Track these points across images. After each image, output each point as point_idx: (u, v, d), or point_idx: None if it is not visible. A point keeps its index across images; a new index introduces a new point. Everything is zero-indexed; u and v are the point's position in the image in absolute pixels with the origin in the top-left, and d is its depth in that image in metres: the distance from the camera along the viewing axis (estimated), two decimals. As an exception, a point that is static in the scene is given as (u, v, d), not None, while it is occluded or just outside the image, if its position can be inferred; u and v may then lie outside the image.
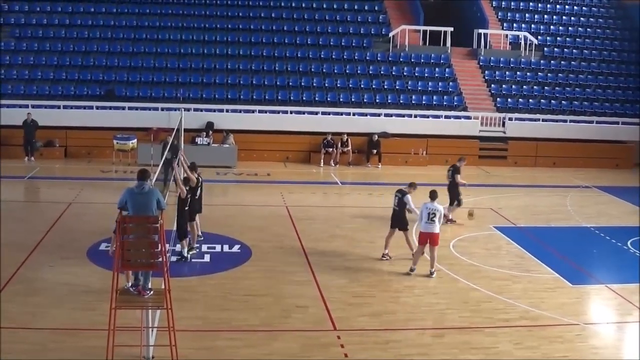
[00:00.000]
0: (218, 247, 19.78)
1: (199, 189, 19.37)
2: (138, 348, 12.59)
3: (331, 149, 33.37)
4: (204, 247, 19.55)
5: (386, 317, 15.50)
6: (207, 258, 18.92)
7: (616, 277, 19.10)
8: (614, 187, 31.36)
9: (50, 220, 21.62)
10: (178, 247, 18.63)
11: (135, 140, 31.48)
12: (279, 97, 35.31)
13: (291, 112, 34.40)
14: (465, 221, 23.58)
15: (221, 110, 33.94)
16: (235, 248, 19.85)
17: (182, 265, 18.08)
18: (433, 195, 18.40)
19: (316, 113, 34.64)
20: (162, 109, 32.80)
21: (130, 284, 12.83)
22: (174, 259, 18.05)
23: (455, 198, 23.60)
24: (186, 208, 18.33)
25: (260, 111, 34.17)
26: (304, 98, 35.47)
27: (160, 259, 11.74)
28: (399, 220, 19.59)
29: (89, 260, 18.06)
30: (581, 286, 18.34)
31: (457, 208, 23.61)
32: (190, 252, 18.66)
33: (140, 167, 13.45)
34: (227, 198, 26.89)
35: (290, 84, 36.21)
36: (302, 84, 36.32)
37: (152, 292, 12.38)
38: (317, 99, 35.61)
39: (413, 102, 36.29)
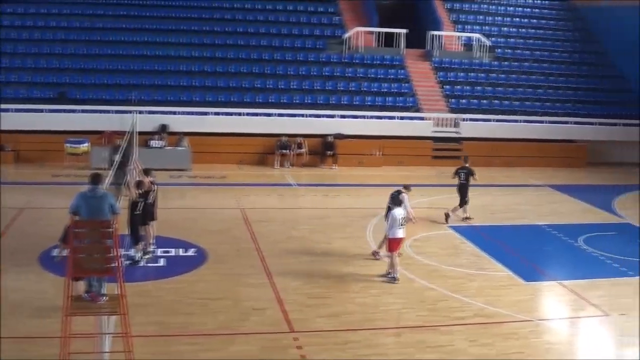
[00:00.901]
0: (173, 251, 19.62)
1: (153, 193, 19.15)
2: (94, 355, 12.45)
3: (286, 151, 33.33)
4: (159, 251, 19.36)
5: (344, 318, 15.52)
6: (162, 262, 18.75)
7: (568, 273, 19.44)
8: (566, 185, 31.79)
9: (1, 226, 21.27)
10: (132, 252, 18.47)
11: (88, 143, 31.13)
12: (234, 99, 35.16)
13: (246, 114, 34.29)
14: (425, 221, 23.82)
15: (175, 113, 33.71)
16: (191, 251, 19.72)
17: (137, 269, 17.93)
18: (397, 201, 18.28)
19: (271, 115, 34.56)
20: (115, 112, 32.41)
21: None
22: (126, 263, 17.86)
23: (464, 198, 24.41)
24: (137, 212, 18.19)
25: (214, 113, 34.00)
26: (259, 100, 35.38)
27: (114, 264, 11.61)
28: None
29: (41, 266, 17.80)
30: (535, 283, 18.58)
31: (465, 206, 24.49)
32: (145, 257, 18.52)
33: (93, 171, 13.31)
34: (182, 201, 26.67)
35: (245, 85, 36.10)
36: (257, 85, 36.21)
37: (106, 297, 12.23)
38: (271, 100, 35.53)
39: (367, 103, 36.41)
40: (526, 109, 38.19)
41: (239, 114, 34.20)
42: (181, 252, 19.65)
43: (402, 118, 35.80)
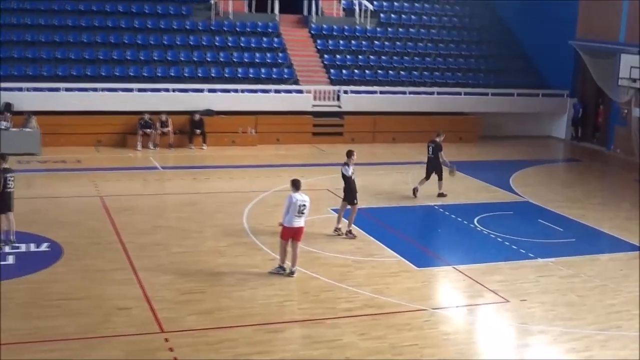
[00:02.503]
0: (23, 247, 19.22)
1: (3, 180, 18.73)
2: None
3: (149, 130, 32.95)
4: (6, 248, 18.93)
5: (219, 314, 15.57)
6: (10, 259, 18.36)
7: (464, 257, 19.99)
8: (458, 162, 32.38)
9: None
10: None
11: None
12: (88, 73, 34.49)
13: (102, 90, 33.70)
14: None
15: (21, 89, 32.82)
16: (44, 246, 19.37)
17: (-18, 269, 17.55)
18: (298, 185, 17.87)
19: (131, 90, 34.08)
20: (-49, 91, 31.44)
21: None
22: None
23: (440, 173, 26.01)
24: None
25: (66, 89, 33.27)
26: (117, 73, 34.82)
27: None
28: (350, 193, 21.33)
29: None
30: (427, 269, 19.06)
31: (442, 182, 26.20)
32: (-9, 254, 18.15)
33: None
34: (31, 190, 25.99)
35: (101, 57, 35.42)
36: (114, 57, 35.61)
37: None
38: (131, 74, 35.02)
39: (239, 75, 36.35)
40: (414, 79, 38.89)
41: (95, 90, 33.53)
42: (32, 247, 19.26)
43: (278, 91, 35.88)
